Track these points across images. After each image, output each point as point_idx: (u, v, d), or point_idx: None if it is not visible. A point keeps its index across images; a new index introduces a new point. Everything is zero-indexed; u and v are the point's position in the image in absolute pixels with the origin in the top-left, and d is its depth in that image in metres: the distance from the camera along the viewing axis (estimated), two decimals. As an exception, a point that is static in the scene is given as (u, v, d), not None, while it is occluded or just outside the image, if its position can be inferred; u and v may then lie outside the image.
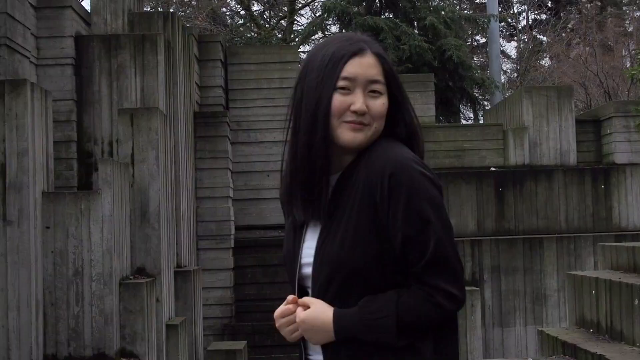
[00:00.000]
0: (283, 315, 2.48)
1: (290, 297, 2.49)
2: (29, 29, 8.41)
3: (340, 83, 2.44)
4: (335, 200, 2.46)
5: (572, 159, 13.45)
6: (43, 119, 6.96)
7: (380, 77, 2.47)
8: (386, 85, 2.49)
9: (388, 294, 2.38)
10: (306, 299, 2.44)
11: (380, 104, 2.46)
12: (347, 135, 2.44)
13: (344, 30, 18.92)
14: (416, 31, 18.47)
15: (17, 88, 6.59)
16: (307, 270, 2.49)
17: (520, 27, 34.39)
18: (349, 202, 2.43)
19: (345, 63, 2.46)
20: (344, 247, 2.39)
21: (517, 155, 13.41)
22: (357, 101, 2.43)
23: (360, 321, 2.35)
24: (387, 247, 2.38)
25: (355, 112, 2.43)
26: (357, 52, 2.47)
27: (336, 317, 2.37)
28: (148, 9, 21.16)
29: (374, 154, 2.46)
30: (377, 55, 2.49)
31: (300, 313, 2.42)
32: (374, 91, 2.46)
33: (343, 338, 2.37)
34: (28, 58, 8.38)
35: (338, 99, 2.44)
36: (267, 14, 28.64)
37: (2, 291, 6.52)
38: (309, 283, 2.48)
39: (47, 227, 6.94)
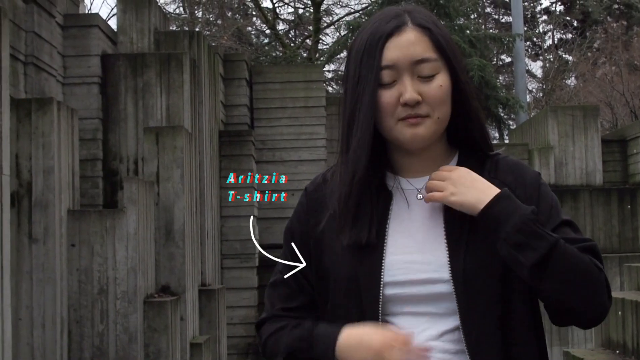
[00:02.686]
0: None
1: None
2: (56, 48, 8.47)
3: (383, 76, 2.01)
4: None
5: (598, 179, 13.37)
6: (69, 137, 6.99)
7: (429, 54, 2.01)
8: (444, 60, 2.03)
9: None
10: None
11: (435, 87, 2.00)
12: (406, 133, 2.01)
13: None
14: (441, 50, 18.46)
15: (44, 106, 6.63)
16: (396, 291, 2.07)
17: (545, 47, 34.32)
18: None
19: (382, 50, 2.00)
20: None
21: (542, 175, 13.33)
22: (405, 91, 1.99)
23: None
24: None
25: (406, 105, 1.99)
26: (393, 32, 2.01)
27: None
28: (174, 28, 21.30)
29: (502, 160, 2.20)
30: (420, 27, 2.02)
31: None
32: (425, 74, 2.01)
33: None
34: (54, 77, 8.43)
35: (385, 95, 2.00)
36: (293, 33, 28.75)
37: (27, 309, 6.54)
38: (395, 308, 2.07)
39: (73, 245, 6.96)
